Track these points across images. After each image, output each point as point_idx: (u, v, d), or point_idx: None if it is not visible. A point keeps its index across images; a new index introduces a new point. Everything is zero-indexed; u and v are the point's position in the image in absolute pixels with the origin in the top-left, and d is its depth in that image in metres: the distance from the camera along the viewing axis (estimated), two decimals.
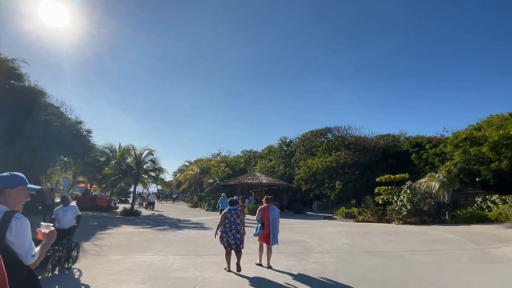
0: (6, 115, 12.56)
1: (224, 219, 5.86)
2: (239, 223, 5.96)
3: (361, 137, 28.21)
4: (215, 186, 29.88)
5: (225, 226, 5.82)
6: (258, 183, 25.53)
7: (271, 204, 6.46)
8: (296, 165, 34.28)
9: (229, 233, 5.77)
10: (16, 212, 1.68)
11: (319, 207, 29.52)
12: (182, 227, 13.25)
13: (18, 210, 1.76)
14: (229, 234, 5.77)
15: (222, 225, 5.86)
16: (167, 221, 16.06)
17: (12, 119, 12.67)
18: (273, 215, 6.24)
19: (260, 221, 6.24)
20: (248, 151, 48.50)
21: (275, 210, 6.36)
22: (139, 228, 12.88)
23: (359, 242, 9.68)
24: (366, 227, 14.87)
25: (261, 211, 6.36)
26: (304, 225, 15.41)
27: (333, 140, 29.51)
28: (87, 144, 23.54)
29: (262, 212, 6.31)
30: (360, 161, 25.47)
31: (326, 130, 31.77)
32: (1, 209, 1.64)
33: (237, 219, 5.93)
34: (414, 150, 27.74)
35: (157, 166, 20.18)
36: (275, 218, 6.29)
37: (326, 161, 26.93)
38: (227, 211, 5.96)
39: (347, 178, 25.16)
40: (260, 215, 6.31)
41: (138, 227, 13.25)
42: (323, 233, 12.08)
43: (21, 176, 1.84)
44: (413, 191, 16.75)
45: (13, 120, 12.69)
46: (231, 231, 5.79)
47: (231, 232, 5.79)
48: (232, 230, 5.80)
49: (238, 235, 5.84)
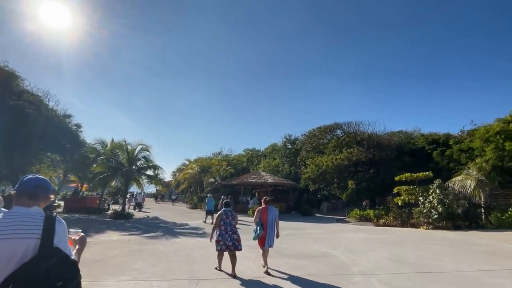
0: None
1: (219, 221, 5.70)
2: (234, 225, 5.82)
3: (374, 133, 26.05)
4: (216, 186, 27.74)
5: (221, 229, 5.64)
6: (263, 183, 23.43)
7: (270, 205, 6.24)
8: (303, 164, 32.16)
9: (225, 235, 5.60)
10: (55, 215, 1.61)
11: (328, 208, 27.40)
12: (177, 234, 11.14)
13: None
14: (225, 237, 5.58)
15: (217, 227, 5.69)
16: (161, 226, 13.97)
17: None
18: (271, 217, 6.02)
19: (259, 223, 5.95)
20: (250, 150, 46.41)
21: (273, 211, 6.15)
22: (125, 235, 10.77)
23: (401, 256, 7.56)
24: (393, 233, 12.74)
25: (259, 212, 6.07)
26: (319, 231, 13.30)
27: (343, 137, 27.35)
28: (77, 140, 21.54)
29: (261, 214, 6.04)
30: (374, 158, 23.34)
31: (335, 126, 29.55)
32: (41, 213, 1.57)
33: (233, 221, 5.79)
34: (431, 147, 25.63)
35: (151, 164, 18.07)
36: (273, 219, 6.06)
37: (337, 158, 24.78)
38: (223, 213, 5.79)
39: (361, 177, 23.01)
40: (259, 216, 6.02)
41: (125, 233, 11.15)
42: (347, 241, 9.96)
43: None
44: (443, 191, 14.61)
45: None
46: (227, 233, 5.62)
47: (227, 234, 5.61)
48: (228, 232, 5.64)
49: (235, 236, 5.68)
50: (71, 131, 20.99)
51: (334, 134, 29.33)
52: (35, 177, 1.68)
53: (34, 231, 1.46)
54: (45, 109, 14.51)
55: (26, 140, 13.14)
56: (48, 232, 1.47)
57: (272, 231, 6.00)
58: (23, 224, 1.46)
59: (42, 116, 13.45)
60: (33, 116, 12.26)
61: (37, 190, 1.62)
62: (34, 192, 1.60)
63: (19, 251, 1.40)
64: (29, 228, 1.46)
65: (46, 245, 1.44)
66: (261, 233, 5.86)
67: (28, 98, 13.20)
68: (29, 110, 12.18)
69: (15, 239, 1.41)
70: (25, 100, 12.76)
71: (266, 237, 5.87)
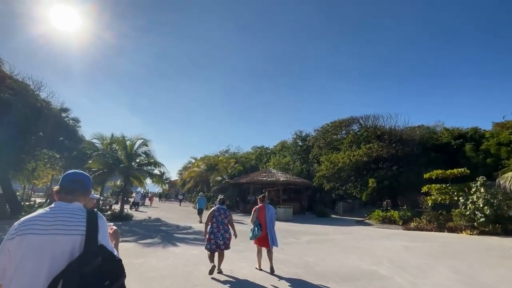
0: None
1: (211, 217, 5.50)
2: (227, 223, 5.53)
3: (396, 127, 23.84)
4: (224, 185, 25.93)
5: (213, 226, 5.42)
6: (274, 181, 21.51)
7: (267, 204, 6.00)
8: (315, 161, 30.14)
9: (218, 233, 5.35)
10: (95, 210, 1.52)
11: (344, 209, 25.32)
12: (178, 240, 9.35)
13: None
14: (217, 235, 5.34)
15: (209, 223, 5.50)
16: (161, 229, 12.21)
17: None
18: (269, 215, 5.77)
19: (256, 223, 5.70)
20: (259, 147, 44.50)
21: (271, 210, 5.91)
22: (125, 242, 9.00)
23: (474, 277, 5.59)
24: (433, 240, 10.70)
25: (256, 211, 5.81)
26: (344, 236, 11.34)
27: (361, 131, 25.23)
28: (75, 135, 20.01)
29: (258, 213, 5.79)
30: (397, 154, 21.19)
31: (350, 120, 27.45)
32: (81, 208, 1.51)
33: (225, 219, 5.51)
34: (458, 142, 23.36)
35: (151, 160, 16.33)
36: (272, 218, 5.81)
37: (355, 155, 22.72)
38: (216, 209, 5.57)
39: (382, 174, 20.89)
40: (256, 216, 5.76)
41: (124, 239, 9.39)
42: (386, 252, 8.01)
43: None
44: (489, 190, 12.48)
45: None
46: (220, 232, 5.38)
47: (220, 232, 5.38)
48: (220, 231, 5.40)
49: (227, 235, 5.43)
50: (68, 126, 19.47)
51: (350, 129, 27.25)
52: (73, 172, 1.63)
53: (78, 227, 1.41)
54: (33, 99, 12.87)
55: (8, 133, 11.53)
56: (92, 229, 1.43)
57: (272, 230, 5.74)
58: (66, 220, 1.42)
59: (28, 105, 11.82)
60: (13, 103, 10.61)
61: (72, 184, 1.55)
62: (69, 187, 1.54)
63: (64, 248, 1.36)
64: (73, 224, 1.41)
65: (92, 242, 1.40)
66: (259, 233, 5.59)
67: (10, 84, 11.60)
68: (6, 95, 10.54)
69: (59, 235, 1.37)
70: (6, 86, 11.17)
71: (268, 236, 5.59)
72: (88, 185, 1.61)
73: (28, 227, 1.35)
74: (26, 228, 1.35)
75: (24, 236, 1.32)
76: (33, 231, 1.34)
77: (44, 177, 31.46)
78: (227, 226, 5.50)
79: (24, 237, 1.32)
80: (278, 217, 18.89)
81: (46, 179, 32.19)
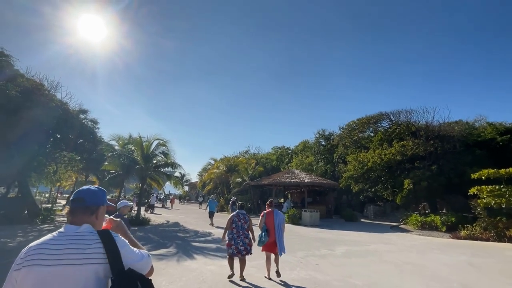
0: None
1: (231, 224, 5.39)
2: (247, 229, 5.41)
3: (433, 122, 21.54)
4: (244, 187, 24.75)
5: (233, 232, 5.31)
6: (298, 183, 20.01)
7: (275, 209, 5.79)
8: (341, 161, 28.27)
9: (238, 239, 5.27)
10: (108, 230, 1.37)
11: (375, 212, 23.35)
12: (195, 251, 8.20)
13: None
14: (237, 241, 5.26)
15: (228, 229, 5.37)
16: (178, 236, 11.17)
17: None
18: (278, 221, 5.59)
19: (264, 228, 5.53)
20: (279, 148, 43.02)
21: (279, 215, 5.73)
22: None
23: None
24: (499, 253, 8.85)
25: (264, 217, 5.64)
26: (386, 246, 9.72)
27: (392, 128, 23.15)
28: (94, 137, 19.68)
29: (266, 218, 5.62)
30: (437, 152, 19.03)
31: (379, 116, 25.35)
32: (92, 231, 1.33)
33: (245, 224, 5.41)
34: (505, 138, 20.73)
35: (169, 161, 15.43)
36: (280, 224, 5.62)
37: (386, 153, 20.75)
38: (235, 215, 5.47)
39: (419, 175, 18.77)
40: (264, 221, 5.59)
41: None
42: (453, 273, 6.39)
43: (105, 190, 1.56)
44: None
45: None
46: (240, 237, 5.29)
47: (240, 238, 5.29)
48: (240, 236, 5.30)
49: (247, 240, 5.33)
50: (86, 127, 19.14)
51: (380, 126, 25.18)
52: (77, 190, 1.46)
53: (91, 255, 1.25)
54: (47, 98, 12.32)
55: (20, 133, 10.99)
56: (113, 255, 1.27)
57: (281, 236, 5.61)
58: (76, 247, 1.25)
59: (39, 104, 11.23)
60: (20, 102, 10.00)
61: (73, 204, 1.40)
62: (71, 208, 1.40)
63: (76, 281, 1.20)
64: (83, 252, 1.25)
65: (118, 269, 1.26)
66: (266, 239, 5.48)
67: (21, 83, 11.08)
68: (12, 92, 9.93)
69: (69, 266, 1.21)
70: (17, 85, 10.63)
71: (276, 243, 5.47)
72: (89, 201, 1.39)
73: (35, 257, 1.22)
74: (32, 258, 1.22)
75: (30, 268, 1.21)
76: (39, 261, 1.21)
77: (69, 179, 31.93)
78: (247, 232, 5.40)
79: (31, 269, 1.21)
80: (304, 222, 17.50)
81: (71, 181, 32.67)
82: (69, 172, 22.87)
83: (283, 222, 5.73)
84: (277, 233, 5.52)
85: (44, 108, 11.76)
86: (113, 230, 1.51)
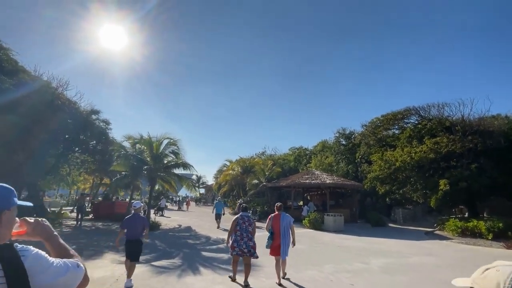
0: None
1: (235, 226, 5.28)
2: (251, 231, 5.32)
3: (469, 117, 19.33)
4: (261, 189, 23.46)
5: (236, 234, 5.24)
6: (319, 184, 18.49)
7: (283, 212, 5.73)
8: (364, 161, 26.36)
9: (241, 241, 5.17)
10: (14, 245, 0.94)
11: (404, 216, 21.34)
12: (203, 263, 7.01)
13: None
14: (240, 243, 5.15)
15: (233, 232, 5.29)
16: (188, 243, 10.05)
17: None
18: (284, 224, 5.50)
19: (270, 231, 5.53)
20: (297, 148, 41.43)
21: (287, 218, 5.63)
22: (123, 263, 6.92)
23: None
24: None
25: (271, 220, 5.64)
26: (429, 259, 8.10)
27: (422, 123, 21.11)
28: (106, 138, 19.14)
29: (273, 221, 5.60)
30: (477, 148, 16.93)
31: (407, 111, 23.29)
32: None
33: (249, 227, 5.31)
34: None
35: (180, 161, 14.43)
36: (287, 227, 5.55)
37: (417, 151, 18.79)
38: (239, 217, 5.37)
39: (456, 174, 16.73)
40: (271, 224, 5.58)
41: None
42: None
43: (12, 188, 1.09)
44: None
45: None
46: (243, 239, 5.18)
47: (243, 240, 5.18)
48: (244, 239, 5.19)
49: (251, 243, 5.24)
50: (98, 127, 18.60)
51: (408, 122, 23.14)
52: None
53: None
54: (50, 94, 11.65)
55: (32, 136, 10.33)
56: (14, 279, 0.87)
57: (286, 239, 5.48)
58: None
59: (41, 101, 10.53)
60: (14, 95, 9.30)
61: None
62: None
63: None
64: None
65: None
66: (269, 243, 5.46)
67: (22, 78, 10.46)
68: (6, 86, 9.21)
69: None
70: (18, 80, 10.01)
71: (280, 246, 5.39)
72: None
73: None
74: None
75: None
76: None
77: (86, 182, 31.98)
78: (251, 234, 5.31)
79: None
80: (326, 227, 15.90)
81: (89, 184, 32.72)
82: (82, 174, 22.59)
83: (290, 225, 5.61)
84: (282, 237, 5.44)
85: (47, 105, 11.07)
86: (30, 235, 1.10)
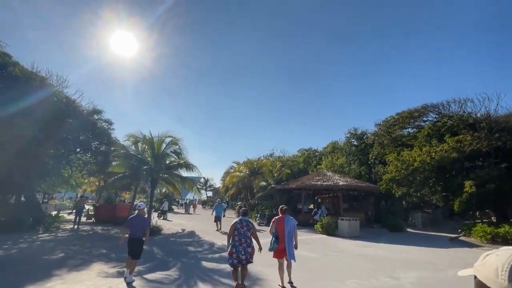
0: None
1: (233, 230, 5.12)
2: (250, 236, 5.15)
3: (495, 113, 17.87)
4: (269, 191, 22.38)
5: (235, 240, 5.07)
6: (331, 186, 17.30)
7: (287, 215, 5.63)
8: (378, 162, 25.01)
9: (239, 247, 4.99)
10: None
11: (424, 221, 19.89)
12: (202, 276, 6.02)
13: None
14: (239, 249, 4.97)
15: (231, 236, 5.13)
16: (188, 251, 9.06)
17: None
18: (289, 228, 5.43)
19: (274, 235, 5.45)
20: (306, 150, 40.18)
21: (291, 221, 5.56)
22: (112, 276, 5.98)
23: None
24: None
25: (275, 223, 5.53)
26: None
27: (442, 121, 19.73)
28: (108, 138, 18.47)
29: (277, 224, 5.50)
30: (505, 146, 15.51)
31: (424, 109, 21.92)
32: None
33: (248, 232, 5.13)
34: None
35: (182, 161, 13.53)
36: (291, 230, 5.46)
37: (437, 150, 17.43)
38: (238, 222, 5.20)
39: (483, 175, 15.34)
40: (275, 227, 5.48)
41: (118, 269, 6.38)
42: None
43: None
44: None
45: None
46: (241, 245, 5.01)
47: (242, 246, 5.00)
48: (242, 244, 5.03)
49: (249, 249, 5.07)
50: (99, 128, 17.94)
51: (426, 120, 21.76)
52: None
53: None
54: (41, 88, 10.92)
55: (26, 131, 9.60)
56: None
57: (291, 243, 5.42)
58: None
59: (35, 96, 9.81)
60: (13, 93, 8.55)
61: None
62: None
63: None
64: None
65: None
66: (274, 246, 5.35)
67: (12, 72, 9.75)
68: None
69: None
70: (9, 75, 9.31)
71: (286, 250, 5.32)
72: None
73: None
74: None
75: None
76: None
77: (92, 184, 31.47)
78: (249, 240, 5.14)
79: None
80: (341, 232, 14.65)
81: (94, 186, 32.20)
82: (85, 176, 21.97)
83: (294, 229, 5.54)
84: (287, 241, 5.36)
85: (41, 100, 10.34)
86: None
